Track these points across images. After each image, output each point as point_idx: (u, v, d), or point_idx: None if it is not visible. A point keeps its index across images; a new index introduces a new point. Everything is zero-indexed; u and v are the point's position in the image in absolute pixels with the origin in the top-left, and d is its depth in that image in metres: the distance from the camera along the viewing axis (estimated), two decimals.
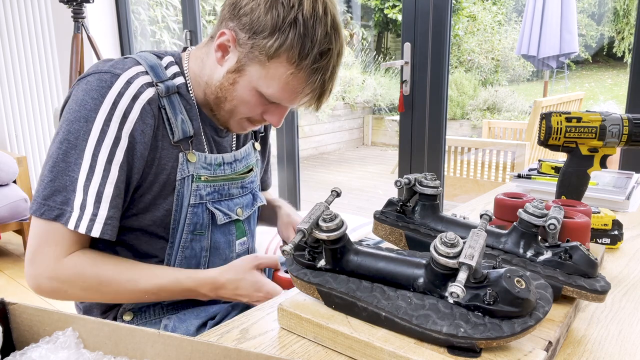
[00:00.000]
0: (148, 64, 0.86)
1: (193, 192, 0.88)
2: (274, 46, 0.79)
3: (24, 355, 0.47)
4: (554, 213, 0.65)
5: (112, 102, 0.80)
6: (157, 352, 0.47)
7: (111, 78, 0.81)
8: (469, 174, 3.78)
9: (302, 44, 0.79)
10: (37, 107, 3.84)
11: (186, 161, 0.87)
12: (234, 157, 0.96)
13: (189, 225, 0.89)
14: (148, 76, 0.84)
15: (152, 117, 0.83)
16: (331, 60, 0.82)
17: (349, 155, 6.78)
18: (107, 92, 0.80)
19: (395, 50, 8.47)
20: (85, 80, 0.82)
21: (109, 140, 0.79)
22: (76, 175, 0.79)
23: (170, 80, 0.87)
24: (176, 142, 0.86)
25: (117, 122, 0.80)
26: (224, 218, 0.94)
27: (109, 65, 0.83)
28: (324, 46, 0.80)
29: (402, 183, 0.74)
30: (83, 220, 0.79)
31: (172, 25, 5.12)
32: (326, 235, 0.59)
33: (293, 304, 0.63)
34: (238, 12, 0.81)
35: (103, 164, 0.79)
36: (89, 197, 0.79)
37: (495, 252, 0.67)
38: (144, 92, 0.82)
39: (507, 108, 7.16)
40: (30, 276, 0.81)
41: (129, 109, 0.81)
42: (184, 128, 0.87)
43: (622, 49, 7.92)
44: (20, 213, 2.76)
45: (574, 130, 0.88)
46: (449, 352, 0.52)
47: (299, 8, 0.78)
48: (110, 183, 0.80)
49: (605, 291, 0.61)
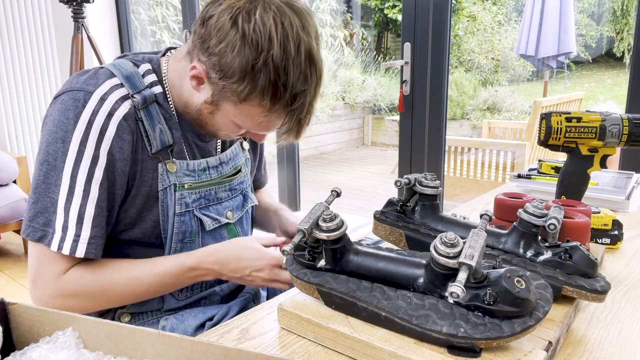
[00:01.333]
0: (123, 75, 0.83)
1: (177, 200, 0.87)
2: (244, 92, 0.76)
3: (24, 355, 0.47)
4: (554, 213, 0.65)
5: (87, 121, 0.78)
6: (157, 352, 0.47)
7: (84, 96, 0.79)
8: (469, 174, 3.78)
9: (274, 89, 0.75)
10: (37, 107, 3.84)
11: (166, 171, 0.86)
12: (219, 160, 0.95)
13: (178, 234, 0.88)
14: (123, 89, 0.82)
15: (129, 133, 0.81)
16: (307, 99, 0.79)
17: (349, 155, 6.78)
18: (81, 111, 0.78)
19: (395, 50, 8.47)
20: (60, 99, 0.81)
21: (87, 160, 0.78)
22: (56, 197, 0.78)
23: (148, 89, 0.84)
24: (154, 154, 0.84)
25: (94, 141, 0.79)
26: (213, 223, 0.93)
27: (82, 82, 0.81)
28: (298, 88, 0.77)
29: (402, 183, 0.74)
30: (66, 241, 0.78)
31: (172, 25, 5.12)
32: (326, 235, 0.59)
33: (293, 304, 0.63)
34: (207, 49, 0.77)
35: (82, 184, 0.78)
36: (70, 218, 0.78)
37: (495, 252, 0.67)
38: (119, 108, 0.80)
39: (507, 108, 7.16)
40: (36, 298, 0.82)
41: (105, 126, 0.79)
42: (162, 138, 0.85)
43: (621, 49, 7.92)
44: (20, 213, 2.76)
45: (574, 130, 0.88)
46: (449, 352, 0.52)
47: (268, 52, 0.73)
48: (91, 203, 0.79)
49: (605, 291, 0.61)
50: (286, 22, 0.74)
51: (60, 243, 0.78)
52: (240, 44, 0.73)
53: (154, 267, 0.84)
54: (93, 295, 0.82)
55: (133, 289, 0.84)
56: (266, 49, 0.73)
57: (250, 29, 0.73)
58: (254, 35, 0.73)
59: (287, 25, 0.74)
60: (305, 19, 0.77)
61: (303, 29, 0.76)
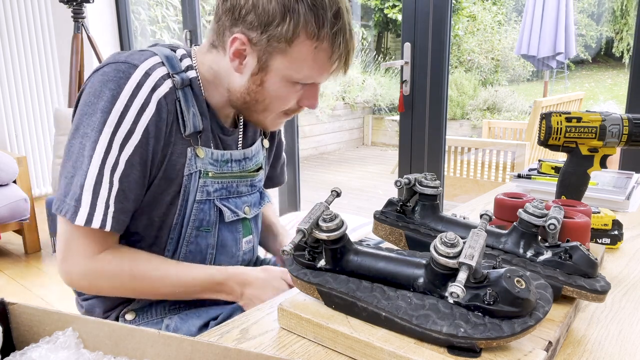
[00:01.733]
0: (164, 54, 0.85)
1: (200, 187, 0.88)
2: (290, 29, 0.78)
3: (24, 355, 0.47)
4: (554, 213, 0.65)
5: (130, 94, 0.78)
6: (157, 352, 0.47)
7: (129, 68, 0.79)
8: (469, 174, 3.78)
9: (315, 14, 0.78)
10: (37, 107, 3.84)
11: (195, 156, 0.86)
12: (244, 154, 0.95)
13: (194, 221, 0.89)
14: (164, 67, 0.83)
15: (166, 112, 0.81)
16: (345, 18, 0.81)
17: (349, 155, 6.78)
18: (125, 82, 0.78)
19: (395, 50, 8.47)
20: (101, 71, 0.81)
21: (122, 132, 0.78)
22: (86, 170, 0.78)
23: (184, 73, 0.86)
24: (187, 136, 0.85)
25: (134, 115, 0.79)
26: (232, 216, 0.93)
27: (126, 56, 0.82)
28: (334, 7, 0.79)
29: (402, 183, 0.74)
30: (95, 215, 0.78)
31: (172, 25, 5.12)
32: (326, 235, 0.59)
33: (293, 304, 0.63)
34: (239, 13, 0.79)
35: (115, 157, 0.78)
36: (101, 192, 0.78)
37: (495, 252, 0.67)
38: (161, 85, 0.81)
39: (507, 108, 7.16)
40: (64, 272, 0.82)
41: (147, 101, 0.79)
42: (195, 122, 0.85)
43: (620, 50, 7.93)
44: (20, 213, 2.76)
45: (574, 130, 0.88)
46: (449, 352, 0.52)
47: None
48: (116, 177, 0.79)
49: (605, 291, 0.61)
50: None
51: (88, 217, 0.78)
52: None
53: (184, 271, 0.85)
54: (122, 281, 0.83)
55: (159, 286, 0.85)
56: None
57: None
58: None
59: None
60: None
61: None
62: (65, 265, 0.82)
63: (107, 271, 0.82)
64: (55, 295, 2.45)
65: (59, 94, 3.93)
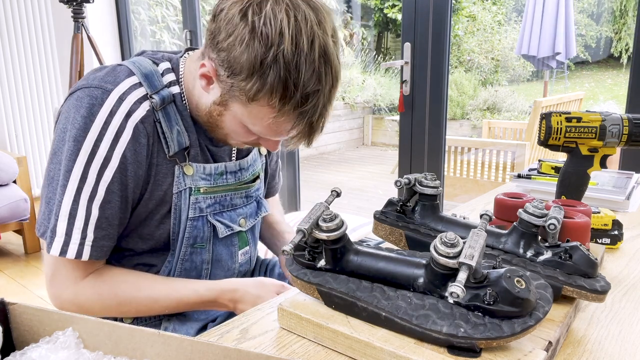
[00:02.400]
0: (142, 73, 0.81)
1: (192, 205, 0.85)
2: (252, 89, 0.71)
3: (24, 355, 0.47)
4: (554, 213, 0.65)
5: (103, 121, 0.76)
6: (157, 352, 0.47)
7: (102, 95, 0.76)
8: (469, 174, 3.78)
9: (283, 87, 0.70)
10: (37, 107, 3.84)
11: (182, 174, 0.84)
12: (239, 165, 0.92)
13: (189, 238, 0.87)
14: (142, 88, 0.79)
15: (145, 136, 0.79)
16: (319, 101, 0.73)
17: (349, 155, 6.78)
18: (98, 110, 0.76)
19: (395, 50, 8.47)
20: (75, 95, 0.78)
21: (98, 160, 0.76)
22: (61, 198, 0.77)
23: (166, 89, 0.82)
24: (172, 156, 0.82)
25: (109, 142, 0.76)
26: (226, 231, 0.91)
27: (99, 79, 0.78)
28: (310, 88, 0.71)
29: (402, 183, 0.74)
30: (71, 244, 0.77)
31: (172, 25, 5.12)
32: (326, 235, 0.59)
33: (293, 304, 0.63)
34: (216, 45, 0.73)
35: (92, 185, 0.77)
36: (76, 222, 0.77)
37: (495, 252, 0.67)
38: (137, 110, 0.78)
39: (507, 108, 7.15)
40: (52, 296, 0.82)
41: (122, 128, 0.76)
42: (180, 140, 0.82)
43: (619, 50, 7.92)
44: (20, 213, 2.76)
45: (574, 130, 0.88)
46: (449, 352, 0.52)
47: (279, 46, 0.68)
48: (96, 205, 0.78)
49: (605, 291, 0.61)
50: (300, 15, 0.69)
51: (63, 247, 0.77)
52: (249, 38, 0.69)
53: (172, 292, 0.84)
54: (109, 307, 0.83)
55: (149, 308, 0.84)
56: (276, 44, 0.68)
57: (260, 22, 0.68)
58: (264, 29, 0.68)
59: (300, 19, 0.69)
60: (321, 14, 0.72)
61: (319, 25, 0.71)
62: (52, 290, 0.82)
63: (92, 295, 0.81)
64: None
65: (59, 94, 3.93)
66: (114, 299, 0.82)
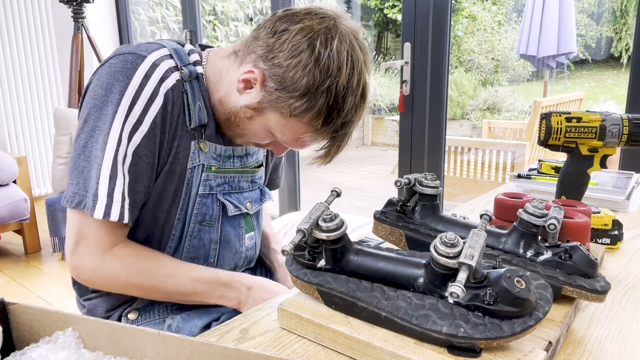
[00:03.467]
0: (172, 47, 0.85)
1: (202, 181, 0.88)
2: (300, 108, 0.79)
3: (24, 355, 0.47)
4: (554, 213, 0.65)
5: (138, 84, 0.78)
6: (157, 352, 0.47)
7: (136, 59, 0.79)
8: (469, 174, 3.78)
9: (328, 113, 0.79)
10: (37, 107, 3.84)
11: (198, 150, 0.86)
12: (245, 150, 0.96)
13: (197, 215, 0.89)
14: (172, 60, 0.83)
15: (172, 105, 0.82)
16: (350, 129, 0.84)
17: (349, 155, 6.78)
18: (132, 73, 0.78)
19: (395, 50, 8.47)
20: (108, 63, 0.80)
21: (130, 122, 0.78)
22: (101, 162, 0.77)
23: (192, 66, 0.86)
24: (192, 129, 0.85)
25: (142, 106, 0.78)
26: (235, 210, 0.93)
27: (133, 47, 0.81)
28: (348, 117, 0.81)
29: (402, 183, 0.74)
30: (113, 207, 0.78)
31: (172, 25, 5.12)
32: (326, 235, 0.59)
33: (293, 304, 0.63)
34: (272, 59, 0.79)
35: (125, 147, 0.78)
36: (117, 184, 0.78)
37: (495, 252, 0.67)
38: (169, 77, 0.81)
39: (507, 108, 7.16)
40: (74, 266, 0.82)
41: (155, 93, 0.79)
42: (200, 116, 0.85)
43: (619, 50, 7.93)
44: (20, 213, 2.76)
45: (574, 130, 0.88)
46: (449, 352, 0.52)
47: (335, 78, 0.77)
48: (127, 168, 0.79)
49: (605, 291, 0.61)
50: (354, 56, 0.79)
51: (106, 209, 0.77)
52: (313, 65, 0.77)
53: (191, 271, 0.86)
54: (130, 281, 0.83)
55: (167, 285, 0.85)
56: (334, 75, 0.77)
57: (325, 54, 0.77)
58: (327, 61, 0.77)
59: (355, 59, 0.79)
60: (368, 57, 0.83)
61: (365, 65, 0.81)
62: (74, 259, 0.81)
63: (116, 266, 0.82)
64: (55, 295, 2.45)
65: (59, 94, 3.93)
66: (137, 271, 0.83)
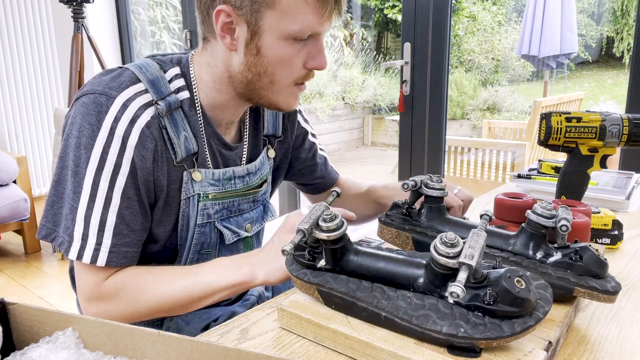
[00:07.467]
0: (148, 79, 0.81)
1: (200, 211, 0.85)
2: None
3: (24, 355, 0.47)
4: (563, 214, 0.65)
5: (109, 129, 0.76)
6: (157, 352, 0.47)
7: (107, 101, 0.77)
8: (469, 174, 3.78)
9: None
10: (37, 107, 3.84)
11: (190, 180, 0.84)
12: (247, 170, 0.92)
13: (196, 245, 0.87)
14: (147, 94, 0.80)
15: (152, 141, 0.79)
16: None
17: (349, 155, 6.78)
18: (102, 117, 0.77)
19: (395, 50, 8.47)
20: (81, 101, 0.79)
21: (109, 167, 0.77)
22: (76, 205, 0.77)
23: (173, 95, 0.82)
24: (179, 162, 0.82)
25: (117, 149, 0.77)
26: (233, 237, 0.91)
27: (105, 84, 0.79)
28: None
29: (410, 185, 0.74)
30: (86, 249, 0.77)
31: (172, 25, 5.12)
32: (326, 235, 0.59)
33: (293, 304, 0.63)
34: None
35: (105, 191, 0.77)
36: (91, 227, 0.77)
37: (505, 254, 0.66)
38: (142, 115, 0.78)
39: (507, 108, 7.16)
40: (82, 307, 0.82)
41: (127, 134, 0.77)
42: (187, 146, 0.82)
43: (620, 50, 7.93)
44: (20, 213, 2.76)
45: (574, 130, 0.88)
46: (449, 352, 0.52)
47: None
48: (113, 211, 0.77)
49: (617, 291, 0.60)
50: None
51: (80, 251, 0.77)
52: None
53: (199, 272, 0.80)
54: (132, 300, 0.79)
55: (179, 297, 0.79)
56: None
57: None
58: None
59: None
60: None
61: None
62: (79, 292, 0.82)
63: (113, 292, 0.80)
64: (55, 295, 2.45)
65: (59, 94, 3.93)
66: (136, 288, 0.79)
